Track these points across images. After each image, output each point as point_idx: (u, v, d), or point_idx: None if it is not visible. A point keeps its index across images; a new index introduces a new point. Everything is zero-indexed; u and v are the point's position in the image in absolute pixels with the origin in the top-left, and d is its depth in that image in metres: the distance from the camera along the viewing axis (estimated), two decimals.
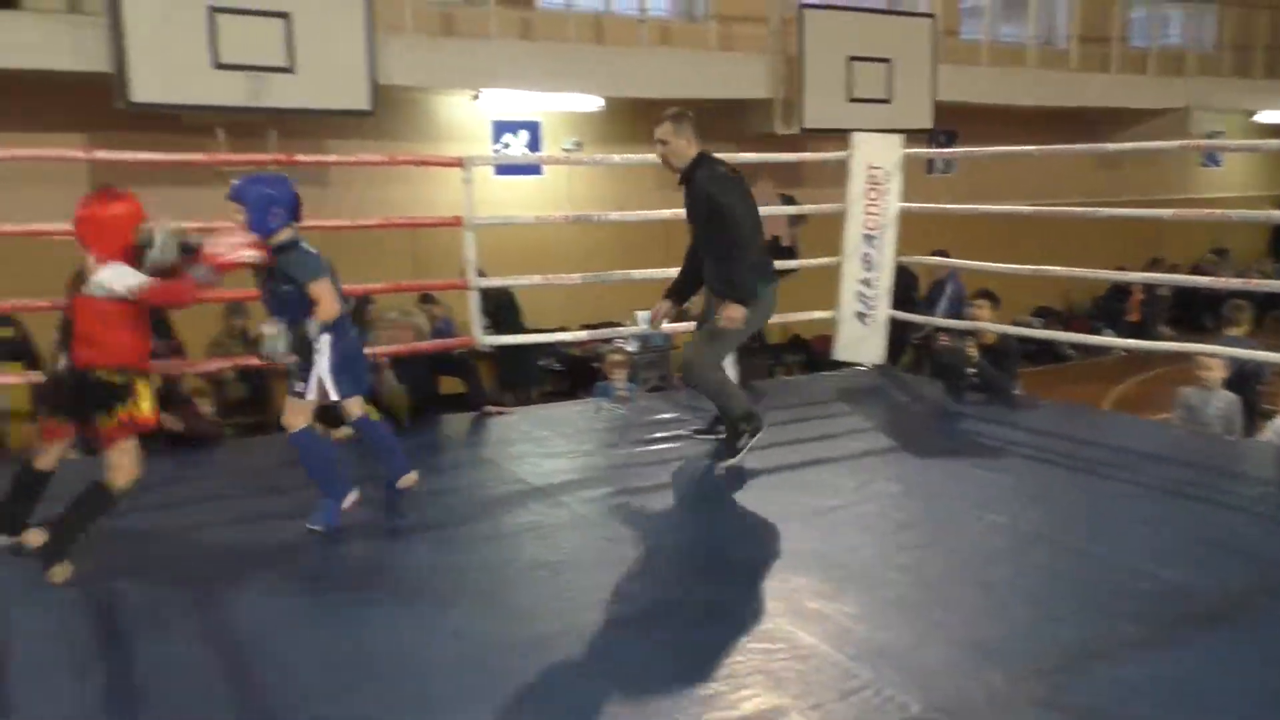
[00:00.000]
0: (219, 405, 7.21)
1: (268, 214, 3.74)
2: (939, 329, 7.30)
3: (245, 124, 8.13)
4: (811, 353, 11.05)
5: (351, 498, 3.97)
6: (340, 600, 3.27)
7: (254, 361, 6.33)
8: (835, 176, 6.95)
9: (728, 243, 4.39)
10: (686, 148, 4.53)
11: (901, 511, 4.11)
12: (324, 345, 3.83)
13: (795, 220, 11.16)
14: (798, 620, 3.03)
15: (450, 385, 5.99)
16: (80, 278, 3.51)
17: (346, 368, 3.93)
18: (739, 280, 4.41)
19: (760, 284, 4.48)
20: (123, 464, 3.50)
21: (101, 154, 5.08)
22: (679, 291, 4.89)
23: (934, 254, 8.11)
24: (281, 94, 7.83)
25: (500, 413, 5.80)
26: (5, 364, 6.42)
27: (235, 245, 3.66)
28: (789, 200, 10.77)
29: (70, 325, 3.54)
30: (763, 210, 4.60)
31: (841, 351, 6.85)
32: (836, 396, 6.16)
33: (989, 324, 6.12)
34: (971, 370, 5.92)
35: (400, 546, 3.83)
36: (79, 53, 7.33)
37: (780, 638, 2.92)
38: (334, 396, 3.94)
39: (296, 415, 3.89)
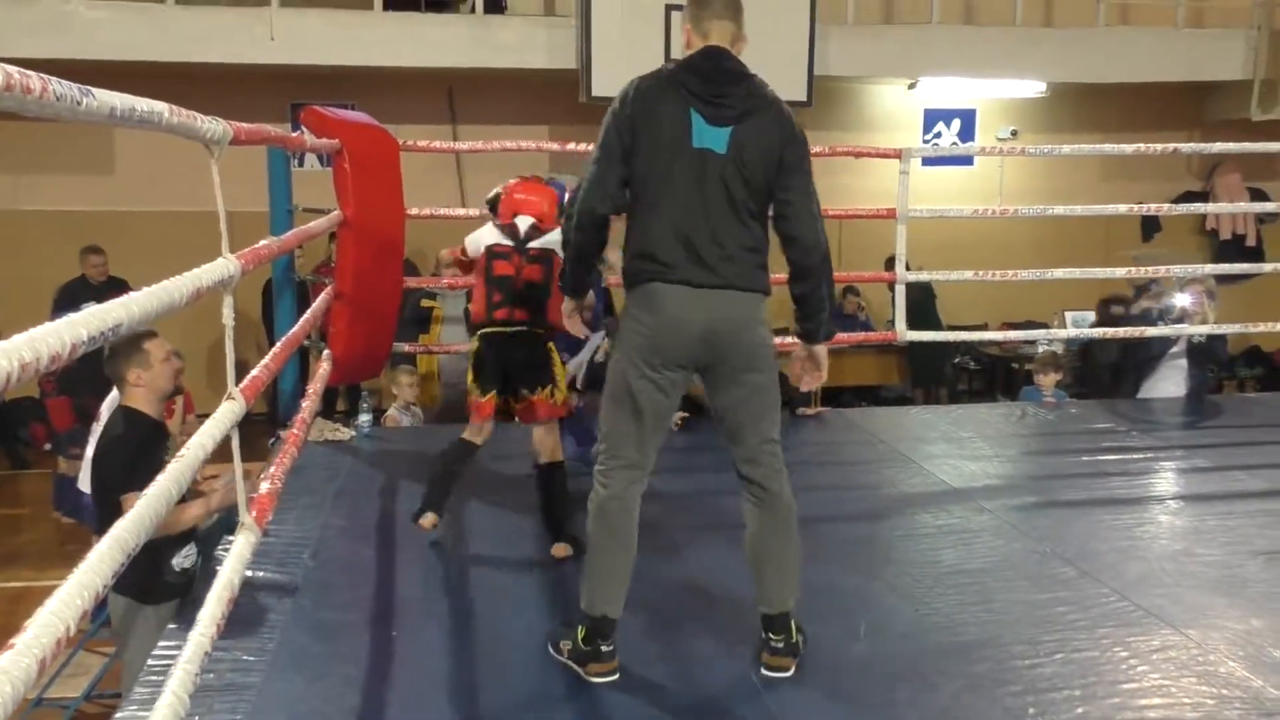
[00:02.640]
0: None
1: None
2: None
3: None
4: (1271, 366, 9.92)
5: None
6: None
7: None
8: None
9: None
10: (685, 48, 2.80)
11: None
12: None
13: (1265, 218, 10.00)
14: (1257, 669, 2.74)
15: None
16: None
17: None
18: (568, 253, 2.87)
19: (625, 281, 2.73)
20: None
21: (572, 146, 5.59)
22: None
23: None
24: None
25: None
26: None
27: None
28: (1260, 196, 9.64)
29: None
30: (1228, 206, 3.97)
31: None
32: None
33: None
34: None
35: (809, 536, 3.45)
36: (552, 52, 8.15)
37: (1235, 685, 2.66)
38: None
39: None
